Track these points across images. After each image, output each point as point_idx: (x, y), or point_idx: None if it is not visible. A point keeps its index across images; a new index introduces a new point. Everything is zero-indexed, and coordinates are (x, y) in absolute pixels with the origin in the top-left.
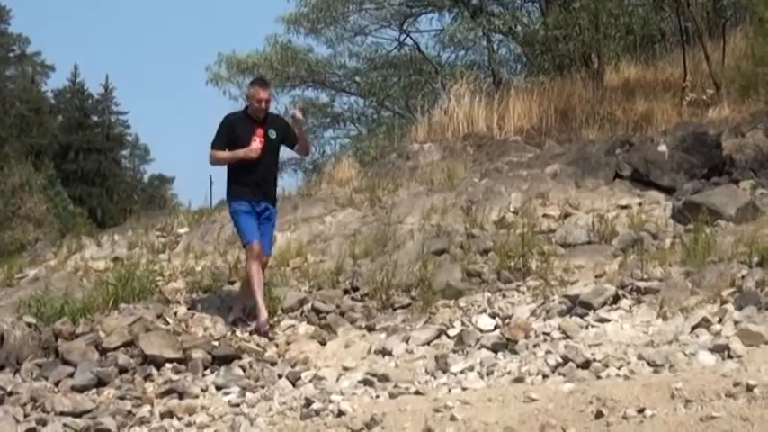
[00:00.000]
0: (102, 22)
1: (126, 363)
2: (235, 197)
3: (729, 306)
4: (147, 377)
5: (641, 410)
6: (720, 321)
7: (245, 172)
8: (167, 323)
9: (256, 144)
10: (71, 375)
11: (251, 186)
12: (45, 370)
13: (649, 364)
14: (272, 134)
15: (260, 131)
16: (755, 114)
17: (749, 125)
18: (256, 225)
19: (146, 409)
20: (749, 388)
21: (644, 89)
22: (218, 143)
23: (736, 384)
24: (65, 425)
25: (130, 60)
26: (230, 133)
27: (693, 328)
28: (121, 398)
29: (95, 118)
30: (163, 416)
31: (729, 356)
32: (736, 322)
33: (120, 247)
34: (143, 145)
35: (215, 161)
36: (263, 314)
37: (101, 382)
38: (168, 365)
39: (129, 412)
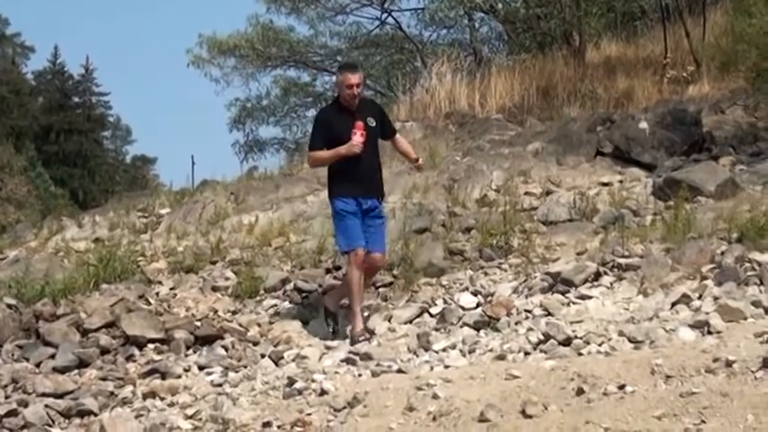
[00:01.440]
0: (83, 3)
1: (108, 344)
2: (339, 194)
3: (709, 282)
4: (129, 358)
5: (622, 387)
6: (700, 297)
7: (348, 166)
8: (149, 304)
9: (358, 137)
10: (52, 357)
11: (356, 181)
12: (26, 351)
13: (630, 340)
14: (371, 122)
15: (359, 123)
16: (735, 91)
17: (729, 102)
18: (361, 228)
19: (128, 390)
20: (728, 364)
21: (625, 66)
22: (316, 143)
23: (715, 360)
24: (46, 406)
25: (112, 41)
26: (327, 130)
27: (674, 305)
28: (103, 379)
29: (76, 99)
30: (145, 396)
31: (709, 332)
32: (715, 298)
33: (102, 228)
34: (125, 125)
35: (316, 163)
36: (359, 324)
37: (82, 363)
38: (150, 346)
39: (112, 393)
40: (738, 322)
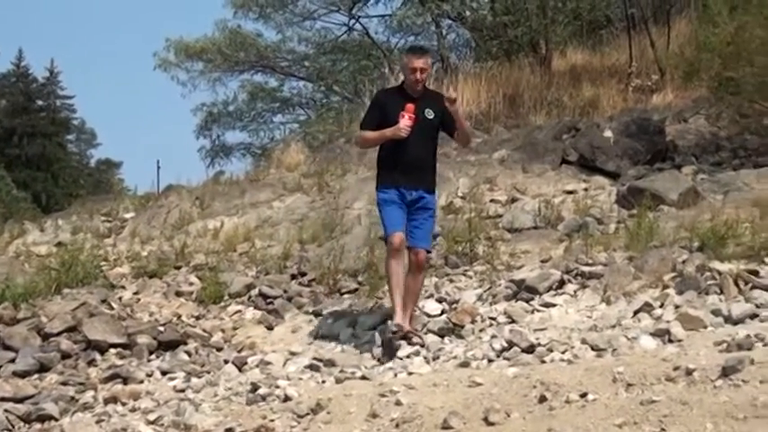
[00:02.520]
0: (47, 6)
1: (69, 348)
2: (382, 184)
3: (671, 291)
4: (91, 363)
5: (584, 395)
6: (662, 306)
7: (395, 154)
8: (112, 308)
9: (405, 121)
10: (12, 361)
11: (402, 171)
12: None
13: (592, 348)
14: (429, 114)
15: (410, 107)
16: (698, 100)
17: (692, 111)
18: (402, 216)
19: (89, 395)
20: (689, 372)
21: (590, 75)
22: (366, 123)
23: (675, 368)
24: (6, 410)
25: (77, 44)
26: (380, 112)
27: (636, 313)
28: (64, 383)
29: (40, 102)
30: (107, 401)
31: (670, 341)
32: (676, 307)
33: (64, 232)
34: (89, 129)
35: (362, 143)
36: (399, 317)
37: (43, 368)
38: (112, 351)
39: (73, 398)
40: (698, 331)
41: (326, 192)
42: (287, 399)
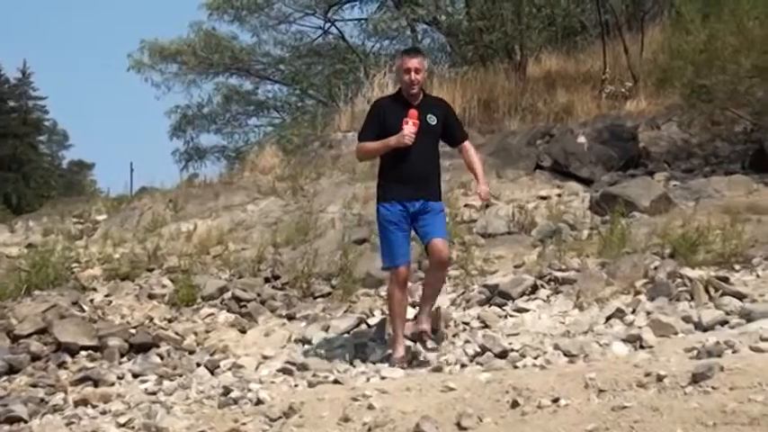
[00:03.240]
0: (20, 7)
1: (39, 350)
2: (383, 198)
3: (642, 297)
4: (61, 365)
5: (556, 400)
6: (634, 312)
7: (396, 165)
8: (83, 310)
9: (409, 127)
10: None
11: (404, 182)
12: None
13: (565, 354)
14: (431, 120)
15: (413, 112)
16: (670, 107)
17: (664, 118)
18: (407, 241)
19: (59, 397)
20: (659, 378)
21: (565, 81)
22: (365, 134)
23: (647, 375)
24: None
25: (50, 45)
26: (380, 120)
27: (608, 319)
28: (34, 385)
29: (12, 103)
30: (77, 404)
31: (641, 347)
32: (648, 313)
33: (35, 234)
34: (62, 130)
35: (363, 155)
36: (400, 351)
37: (12, 370)
38: (83, 353)
39: (42, 400)
40: (669, 337)
41: (301, 195)
42: (259, 402)
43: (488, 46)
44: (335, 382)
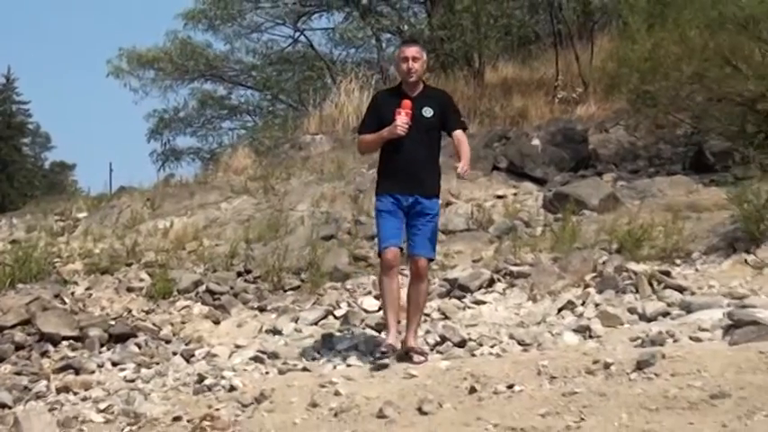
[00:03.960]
0: (5, 15)
1: (23, 340)
2: (379, 191)
3: (591, 290)
4: (44, 354)
5: (510, 386)
6: (583, 304)
7: (391, 158)
8: (65, 303)
9: (402, 118)
10: None
11: (396, 176)
12: None
13: (519, 343)
14: (427, 112)
15: (407, 102)
16: (618, 111)
17: (612, 122)
18: (398, 226)
19: (42, 385)
20: (606, 366)
21: (520, 87)
22: (364, 126)
23: (595, 362)
24: None
25: (34, 52)
26: (376, 113)
27: (560, 310)
28: (18, 373)
29: None
30: (59, 391)
31: (590, 336)
32: (596, 305)
33: (19, 230)
34: (44, 132)
35: (362, 147)
36: (390, 339)
37: None
38: (65, 343)
39: (26, 387)
40: (616, 327)
41: (272, 194)
42: (232, 389)
43: (449, 54)
44: (304, 369)
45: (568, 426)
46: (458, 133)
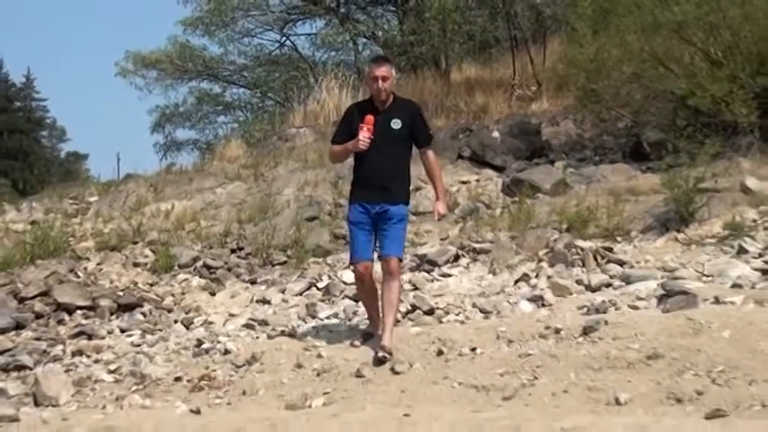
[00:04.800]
0: (25, 21)
1: (41, 310)
2: (351, 200)
3: (544, 264)
4: (60, 322)
5: (473, 349)
6: (537, 276)
7: (360, 168)
8: (78, 276)
9: (363, 133)
10: None
11: (364, 186)
12: None
13: (481, 311)
14: (396, 124)
15: (369, 118)
16: (567, 107)
17: (563, 116)
18: (368, 239)
19: (59, 349)
20: (557, 331)
21: (482, 86)
22: (336, 137)
23: (547, 328)
24: None
25: (52, 54)
26: (348, 125)
27: (516, 282)
28: (37, 339)
29: (18, 103)
30: (74, 354)
31: (543, 305)
32: (548, 277)
33: (38, 212)
34: (60, 126)
35: (332, 157)
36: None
37: (19, 326)
38: (79, 312)
39: (45, 351)
40: (565, 297)
41: (261, 180)
42: (227, 352)
43: (418, 57)
44: (290, 335)
45: (523, 383)
46: (427, 152)
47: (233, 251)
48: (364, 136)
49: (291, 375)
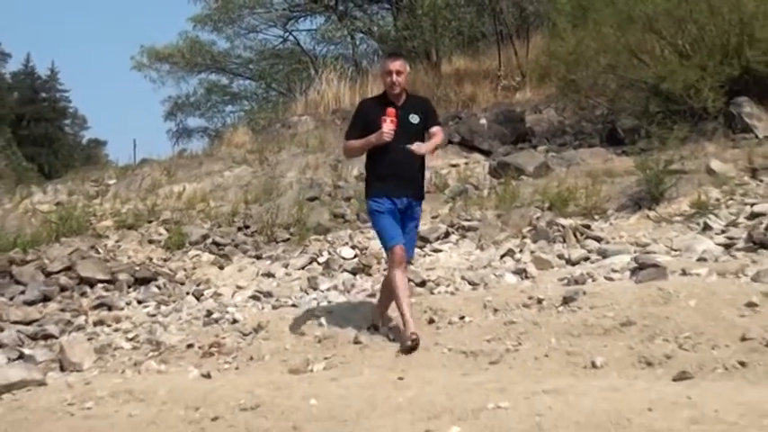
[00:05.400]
0: (51, 19)
1: (66, 283)
2: (372, 194)
3: (528, 240)
4: (83, 294)
5: (462, 318)
6: (521, 251)
7: (382, 162)
8: (99, 253)
9: (387, 125)
10: (22, 293)
11: (390, 179)
12: (2, 289)
13: (469, 283)
14: (414, 119)
15: (391, 110)
16: (549, 96)
17: (545, 105)
18: (398, 225)
19: (81, 319)
20: (539, 301)
21: (470, 77)
22: (351, 132)
23: (530, 298)
24: (18, 330)
25: (74, 49)
26: (363, 120)
27: (502, 257)
28: (62, 310)
29: (44, 94)
30: (95, 324)
31: (526, 277)
32: (531, 252)
33: (62, 194)
34: (82, 115)
35: (348, 152)
36: (410, 326)
37: (46, 298)
38: (100, 285)
39: (69, 321)
40: (547, 270)
41: (266, 164)
42: (235, 321)
43: (411, 50)
44: (293, 305)
45: (508, 349)
46: (435, 128)
47: (240, 229)
48: (389, 128)
49: (294, 342)
